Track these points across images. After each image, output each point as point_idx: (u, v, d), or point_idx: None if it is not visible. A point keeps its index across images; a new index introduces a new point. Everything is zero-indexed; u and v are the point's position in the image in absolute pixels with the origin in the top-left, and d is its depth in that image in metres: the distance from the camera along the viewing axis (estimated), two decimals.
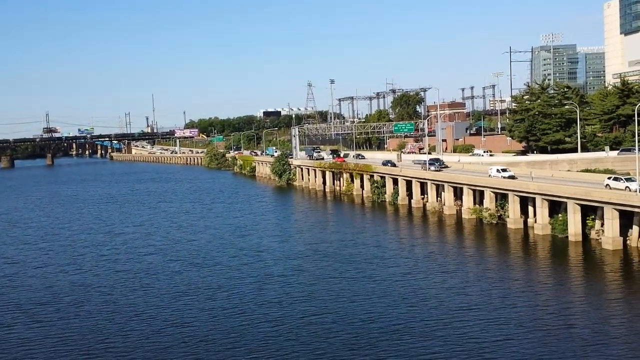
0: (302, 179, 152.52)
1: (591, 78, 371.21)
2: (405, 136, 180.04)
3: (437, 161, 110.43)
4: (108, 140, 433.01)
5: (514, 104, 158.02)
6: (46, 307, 52.54)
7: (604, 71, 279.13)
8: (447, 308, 46.83)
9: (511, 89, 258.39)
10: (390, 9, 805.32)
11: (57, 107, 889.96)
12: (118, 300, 53.68)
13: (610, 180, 70.51)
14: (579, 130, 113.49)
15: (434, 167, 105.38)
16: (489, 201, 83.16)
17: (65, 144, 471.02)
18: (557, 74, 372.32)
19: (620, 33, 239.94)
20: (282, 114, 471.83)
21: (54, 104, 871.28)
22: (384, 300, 49.68)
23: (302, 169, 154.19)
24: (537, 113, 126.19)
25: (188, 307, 50.50)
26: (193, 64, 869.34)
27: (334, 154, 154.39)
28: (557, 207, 72.93)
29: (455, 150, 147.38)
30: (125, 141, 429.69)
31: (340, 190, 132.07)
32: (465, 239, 76.06)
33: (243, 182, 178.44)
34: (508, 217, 79.36)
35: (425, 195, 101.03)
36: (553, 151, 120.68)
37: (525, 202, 78.27)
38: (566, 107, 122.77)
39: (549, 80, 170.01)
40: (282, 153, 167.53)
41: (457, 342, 39.79)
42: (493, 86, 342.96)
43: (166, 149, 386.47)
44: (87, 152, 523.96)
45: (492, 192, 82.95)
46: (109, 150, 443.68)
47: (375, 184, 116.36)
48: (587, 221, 68.12)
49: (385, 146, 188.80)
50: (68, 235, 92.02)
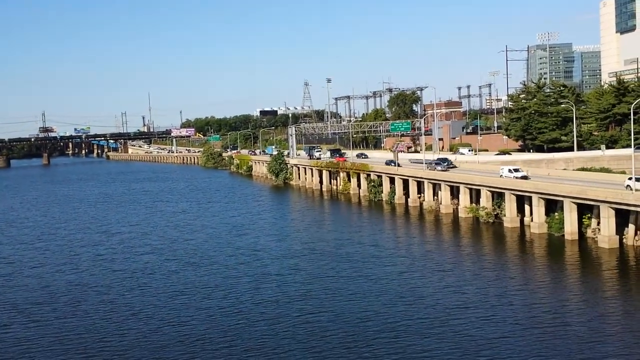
0: (299, 178, 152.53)
1: (587, 77, 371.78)
2: (402, 135, 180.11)
3: (444, 161, 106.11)
4: (104, 140, 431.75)
5: (510, 103, 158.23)
6: (43, 306, 52.51)
7: (599, 70, 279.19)
8: (444, 307, 46.89)
9: (507, 88, 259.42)
10: (386, 8, 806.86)
11: (53, 107, 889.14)
12: (115, 299, 53.65)
13: (630, 181, 66.10)
14: (575, 129, 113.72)
15: (440, 167, 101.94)
16: (485, 200, 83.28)
17: (62, 144, 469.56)
18: (553, 73, 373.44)
19: (616, 32, 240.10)
20: (278, 113, 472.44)
21: (50, 104, 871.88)
22: (380, 299, 49.72)
23: (299, 168, 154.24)
24: (533, 112, 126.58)
25: (185, 306, 50.50)
26: (189, 63, 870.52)
27: (335, 153, 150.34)
28: (553, 206, 73.08)
29: (451, 149, 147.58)
30: (121, 140, 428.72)
31: (337, 189, 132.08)
32: (461, 237, 76.17)
33: (240, 181, 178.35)
34: (504, 215, 79.45)
35: (422, 194, 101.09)
36: (549, 150, 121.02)
37: (522, 201, 78.44)
38: (562, 105, 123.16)
39: (545, 79, 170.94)
40: (279, 152, 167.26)
41: (453, 340, 39.87)
42: (489, 85, 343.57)
43: (163, 149, 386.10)
44: (84, 152, 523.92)
45: (488, 190, 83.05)
46: (106, 150, 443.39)
47: (372, 183, 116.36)
48: (584, 220, 68.21)
49: (382, 145, 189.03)
50: (64, 234, 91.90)
